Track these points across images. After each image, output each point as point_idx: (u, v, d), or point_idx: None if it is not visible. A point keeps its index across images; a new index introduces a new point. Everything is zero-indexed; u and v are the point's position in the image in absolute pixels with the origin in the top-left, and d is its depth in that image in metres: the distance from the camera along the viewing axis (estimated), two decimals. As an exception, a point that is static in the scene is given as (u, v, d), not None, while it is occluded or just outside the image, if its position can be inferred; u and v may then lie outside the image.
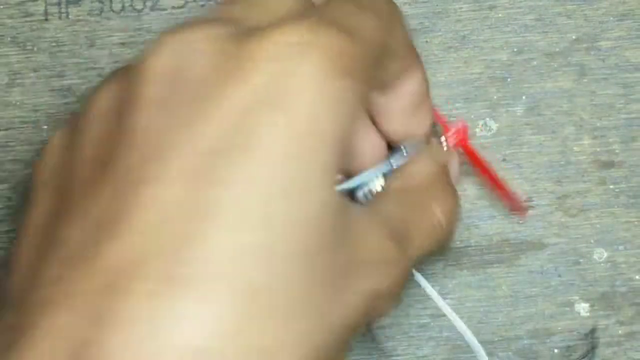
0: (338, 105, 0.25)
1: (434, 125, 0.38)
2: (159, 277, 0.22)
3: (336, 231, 0.26)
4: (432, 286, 0.39)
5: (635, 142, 0.42)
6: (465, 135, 0.39)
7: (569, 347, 0.40)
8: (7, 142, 0.42)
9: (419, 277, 0.36)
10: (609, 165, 0.42)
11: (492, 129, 0.42)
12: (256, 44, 0.26)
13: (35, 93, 0.43)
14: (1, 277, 0.29)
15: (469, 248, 0.41)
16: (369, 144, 0.35)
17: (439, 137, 0.39)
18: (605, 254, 0.41)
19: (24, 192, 0.42)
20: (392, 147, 0.36)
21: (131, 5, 0.44)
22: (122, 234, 0.23)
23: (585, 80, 0.43)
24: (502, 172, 0.42)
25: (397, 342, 0.40)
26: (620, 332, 0.41)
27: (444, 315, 0.40)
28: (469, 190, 0.42)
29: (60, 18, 0.43)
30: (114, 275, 0.23)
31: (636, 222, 0.41)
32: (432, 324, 0.41)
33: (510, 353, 0.40)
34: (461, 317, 0.40)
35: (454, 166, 0.38)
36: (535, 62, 0.43)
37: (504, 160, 0.42)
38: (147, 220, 0.23)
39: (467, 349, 0.40)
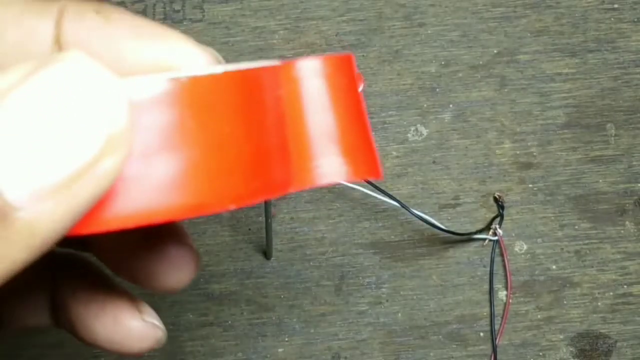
0: None
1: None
2: None
3: None
4: (369, 276, 0.43)
5: (551, 145, 0.46)
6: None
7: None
8: None
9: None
10: (528, 166, 0.46)
11: (423, 134, 0.46)
12: None
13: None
14: None
15: (403, 242, 0.45)
16: None
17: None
18: (525, 247, 0.45)
19: None
20: None
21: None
22: None
23: (505, 90, 0.47)
24: (432, 173, 0.46)
25: (338, 328, 0.44)
26: (539, 316, 0.44)
27: (381, 303, 0.44)
28: (403, 189, 0.45)
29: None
30: None
31: (552, 217, 0.45)
32: (370, 311, 0.44)
33: (440, 337, 0.44)
34: (396, 305, 0.44)
35: None
36: (460, 74, 0.47)
37: (433, 162, 0.46)
38: None
39: (402, 333, 0.44)
